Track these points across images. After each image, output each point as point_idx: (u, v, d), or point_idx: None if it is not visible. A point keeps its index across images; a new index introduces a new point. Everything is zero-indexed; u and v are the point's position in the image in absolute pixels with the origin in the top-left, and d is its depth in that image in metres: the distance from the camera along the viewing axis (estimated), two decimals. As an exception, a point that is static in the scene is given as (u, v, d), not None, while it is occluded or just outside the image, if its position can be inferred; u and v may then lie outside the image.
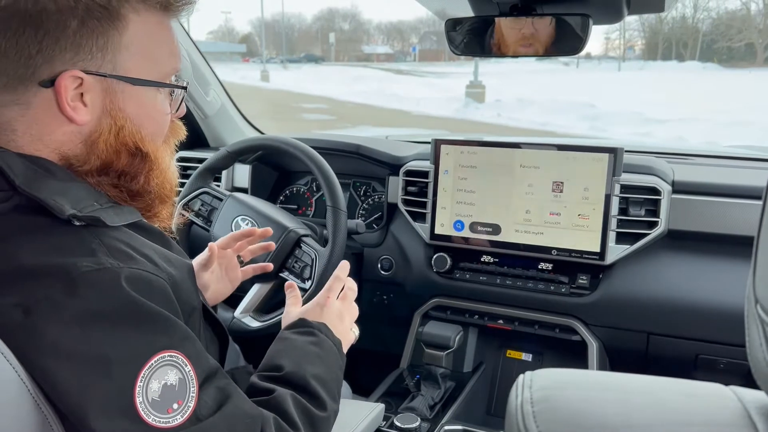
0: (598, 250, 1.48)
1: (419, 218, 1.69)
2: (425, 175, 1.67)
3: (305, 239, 1.47)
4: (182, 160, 1.98)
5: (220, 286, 1.20)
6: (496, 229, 1.59)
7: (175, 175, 0.85)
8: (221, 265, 1.21)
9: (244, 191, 1.86)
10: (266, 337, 1.01)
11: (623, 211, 1.48)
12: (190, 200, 1.58)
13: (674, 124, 11.38)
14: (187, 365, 0.67)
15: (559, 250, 1.52)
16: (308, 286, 1.43)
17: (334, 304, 1.00)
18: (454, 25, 1.27)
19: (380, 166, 1.81)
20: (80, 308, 0.63)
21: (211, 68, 2.07)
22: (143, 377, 0.63)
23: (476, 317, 1.68)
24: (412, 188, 1.70)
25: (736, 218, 1.43)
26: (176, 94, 0.83)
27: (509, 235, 1.57)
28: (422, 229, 1.67)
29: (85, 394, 0.61)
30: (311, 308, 0.99)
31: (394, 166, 1.77)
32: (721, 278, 1.42)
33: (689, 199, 1.47)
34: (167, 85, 0.81)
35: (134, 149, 0.76)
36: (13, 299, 0.62)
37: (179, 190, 1.62)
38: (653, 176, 1.48)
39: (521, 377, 0.55)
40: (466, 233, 1.62)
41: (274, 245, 1.31)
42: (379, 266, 1.77)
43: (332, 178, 1.48)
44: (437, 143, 1.63)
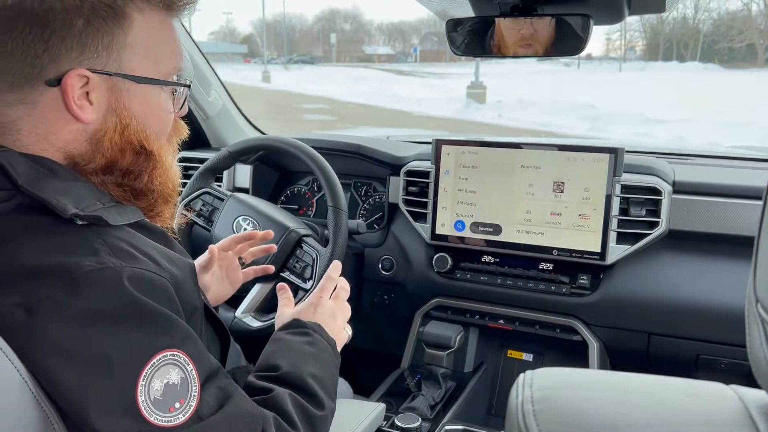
0: (598, 250, 1.48)
1: (420, 218, 1.69)
2: (426, 175, 1.67)
3: (306, 239, 1.47)
4: (184, 160, 1.99)
5: (220, 287, 1.20)
6: (496, 229, 1.59)
7: (177, 174, 0.85)
8: (222, 266, 1.21)
9: (245, 191, 1.87)
10: (267, 337, 1.02)
11: (624, 211, 1.48)
12: (191, 200, 1.58)
13: (675, 124, 11.37)
14: (189, 364, 0.67)
15: (559, 250, 1.52)
16: (309, 286, 1.43)
17: (327, 303, 1.00)
18: (455, 25, 1.27)
19: (381, 166, 1.81)
20: (82, 308, 0.63)
21: (212, 69, 2.08)
22: (145, 376, 0.63)
23: (477, 317, 1.68)
24: (413, 188, 1.70)
25: (736, 218, 1.43)
26: (179, 92, 0.83)
27: (510, 235, 1.57)
28: (423, 229, 1.67)
29: (87, 393, 0.61)
30: (305, 308, 0.99)
31: (395, 166, 1.77)
32: (721, 278, 1.42)
33: (690, 199, 1.47)
34: (171, 83, 0.81)
35: (139, 147, 0.76)
36: (15, 299, 0.62)
37: (181, 190, 1.62)
38: (654, 176, 1.48)
39: (522, 376, 0.55)
40: (466, 233, 1.62)
41: (275, 248, 1.31)
42: (380, 266, 1.77)
43: (333, 178, 1.48)
44: (438, 143, 1.64)
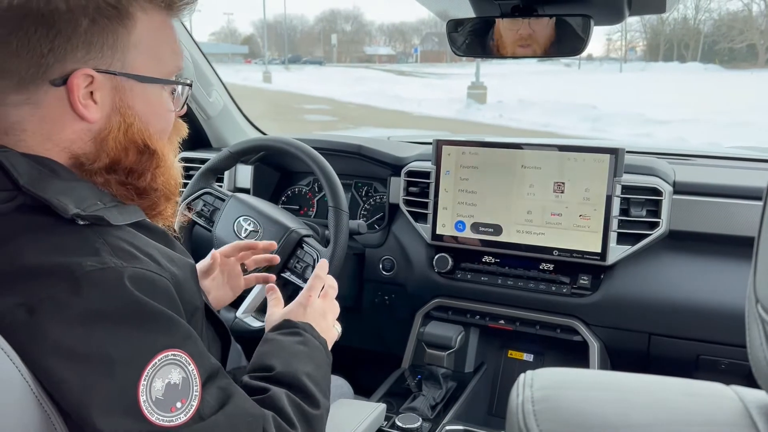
0: (599, 250, 1.48)
1: (421, 219, 1.69)
2: (427, 175, 1.67)
3: (307, 240, 1.47)
4: (185, 160, 1.97)
5: (220, 293, 1.20)
6: (497, 229, 1.59)
7: (179, 172, 0.85)
8: (223, 272, 1.21)
9: (246, 192, 1.87)
10: (268, 337, 1.02)
11: (624, 211, 1.48)
12: (192, 200, 1.59)
13: (675, 125, 11.37)
14: (190, 364, 0.67)
15: (560, 250, 1.52)
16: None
17: (316, 302, 1.00)
18: (455, 26, 1.27)
19: (382, 166, 1.81)
20: (84, 308, 0.63)
21: (213, 69, 2.08)
22: (147, 376, 0.63)
23: (477, 317, 1.68)
24: (413, 189, 1.70)
25: (737, 219, 1.43)
26: (179, 91, 0.83)
27: (510, 235, 1.57)
28: (424, 229, 1.67)
29: (88, 393, 0.62)
30: (294, 308, 0.98)
31: (395, 166, 1.77)
32: (722, 279, 1.42)
33: (690, 199, 1.47)
34: (175, 82, 0.81)
35: (142, 146, 0.76)
36: (16, 299, 0.62)
37: (182, 190, 1.62)
38: (654, 177, 1.48)
39: (522, 376, 0.55)
40: (467, 234, 1.62)
41: (278, 258, 1.31)
42: (380, 267, 1.77)
43: (334, 178, 1.48)
44: (439, 144, 1.64)
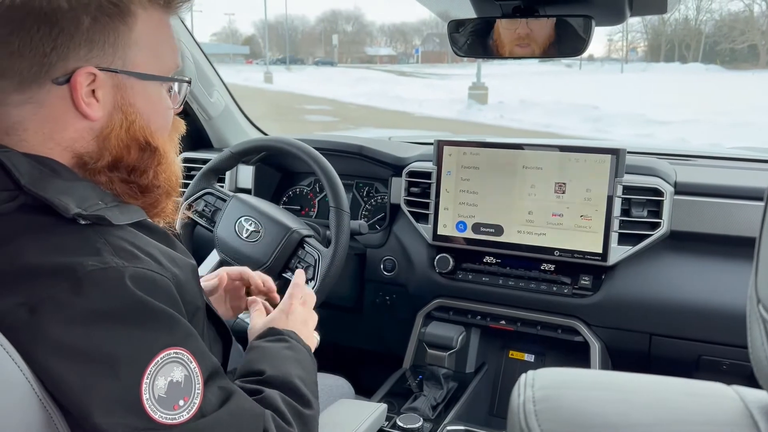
0: (600, 251, 1.48)
1: (422, 219, 1.69)
2: (428, 176, 1.67)
3: (308, 240, 1.48)
4: (186, 161, 1.99)
5: (221, 311, 1.19)
6: (498, 230, 1.59)
7: (180, 169, 0.86)
8: (227, 292, 1.20)
9: (247, 192, 1.87)
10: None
11: (626, 212, 1.48)
12: (193, 201, 1.59)
13: (677, 125, 11.37)
14: (192, 362, 0.68)
15: (561, 251, 1.52)
16: (311, 286, 1.43)
17: (297, 310, 1.01)
18: (456, 26, 1.27)
19: (383, 167, 1.81)
20: (86, 307, 0.63)
21: (214, 70, 2.08)
22: (149, 374, 0.64)
23: (479, 318, 1.68)
24: (414, 189, 1.70)
25: (738, 219, 1.42)
26: (176, 89, 0.84)
27: (512, 235, 1.57)
28: (425, 229, 1.68)
29: (91, 392, 0.62)
30: (277, 316, 0.99)
31: (396, 167, 1.77)
32: (723, 279, 1.42)
33: (692, 200, 1.47)
34: (175, 79, 0.82)
35: (144, 143, 0.77)
36: (18, 298, 0.62)
37: (183, 190, 1.63)
38: (656, 177, 1.48)
39: (523, 376, 0.55)
40: (468, 234, 1.62)
41: (279, 298, 1.30)
42: (381, 267, 1.77)
43: (335, 179, 1.48)
44: (440, 144, 1.64)
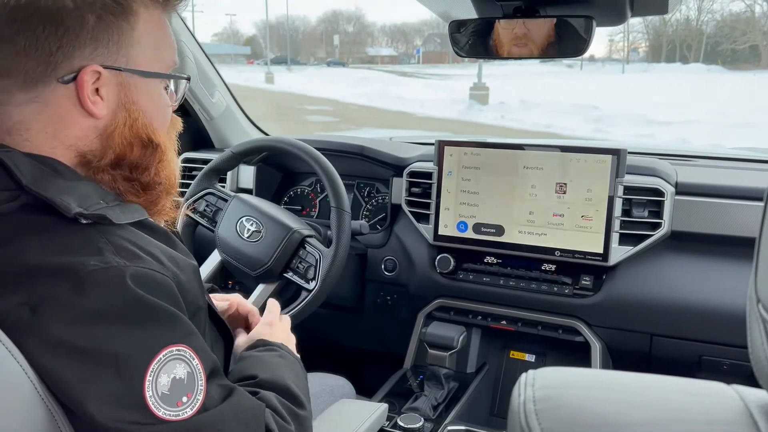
0: (601, 251, 1.48)
1: (423, 219, 1.69)
2: (429, 176, 1.67)
3: (309, 240, 1.48)
4: (187, 161, 1.99)
5: None
6: (499, 230, 1.59)
7: (178, 166, 0.86)
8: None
9: (248, 192, 1.87)
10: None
11: (626, 212, 1.48)
12: (195, 201, 1.59)
13: (678, 125, 11.36)
14: (194, 359, 0.68)
15: (562, 251, 1.52)
16: (312, 286, 1.43)
17: (279, 324, 1.02)
18: (457, 26, 1.27)
19: (384, 167, 1.81)
20: (87, 307, 0.63)
21: (216, 70, 2.08)
22: (152, 371, 0.64)
23: (479, 318, 1.68)
24: (415, 189, 1.70)
25: (739, 220, 1.42)
26: (172, 87, 0.85)
27: (512, 236, 1.57)
28: (426, 230, 1.68)
29: (93, 391, 0.62)
30: (261, 329, 0.99)
31: (397, 167, 1.77)
32: (724, 279, 1.42)
33: (692, 200, 1.47)
34: (176, 76, 0.83)
35: (147, 141, 0.77)
36: (20, 298, 0.63)
37: (184, 190, 1.63)
38: (656, 178, 1.48)
39: (524, 376, 0.55)
40: (469, 234, 1.62)
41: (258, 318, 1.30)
42: (382, 267, 1.77)
43: (336, 179, 1.49)
44: (441, 144, 1.64)
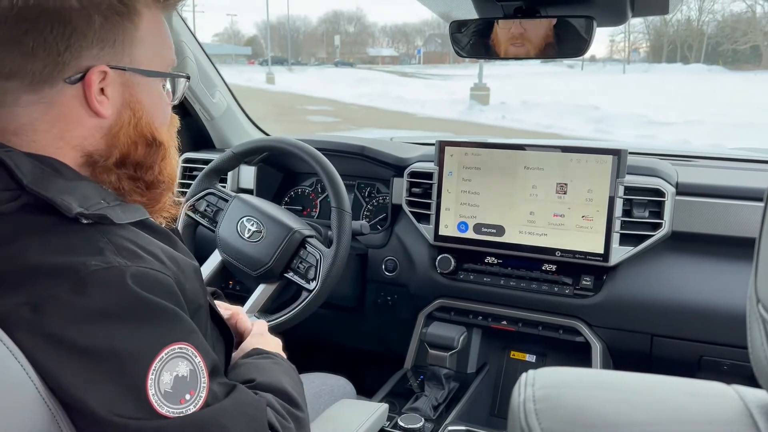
0: (601, 251, 1.48)
1: (423, 219, 1.69)
2: (429, 176, 1.67)
3: (310, 240, 1.48)
4: (188, 161, 2.00)
5: None
6: (500, 230, 1.59)
7: (178, 164, 0.87)
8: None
9: (249, 192, 1.87)
10: (271, 336, 1.03)
11: (627, 212, 1.48)
12: (195, 201, 1.59)
13: (678, 126, 11.36)
14: (197, 356, 0.68)
15: (563, 251, 1.52)
16: (313, 287, 1.43)
17: (269, 335, 1.03)
18: (458, 27, 1.27)
19: (385, 167, 1.81)
20: (88, 307, 0.63)
21: (217, 70, 2.09)
22: (155, 370, 0.64)
23: (480, 318, 1.68)
24: (416, 189, 1.70)
25: (740, 220, 1.42)
26: (174, 84, 0.85)
27: (513, 236, 1.57)
28: (426, 230, 1.68)
29: (95, 390, 0.62)
30: (253, 339, 1.00)
31: (398, 167, 1.77)
32: (725, 280, 1.42)
33: (693, 200, 1.47)
34: (178, 75, 0.84)
35: (150, 139, 0.78)
36: (21, 298, 0.63)
37: (184, 190, 1.63)
38: (657, 178, 1.48)
39: (524, 375, 0.55)
40: (470, 234, 1.62)
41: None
42: (383, 267, 1.77)
43: (337, 179, 1.49)
44: (441, 145, 1.64)
